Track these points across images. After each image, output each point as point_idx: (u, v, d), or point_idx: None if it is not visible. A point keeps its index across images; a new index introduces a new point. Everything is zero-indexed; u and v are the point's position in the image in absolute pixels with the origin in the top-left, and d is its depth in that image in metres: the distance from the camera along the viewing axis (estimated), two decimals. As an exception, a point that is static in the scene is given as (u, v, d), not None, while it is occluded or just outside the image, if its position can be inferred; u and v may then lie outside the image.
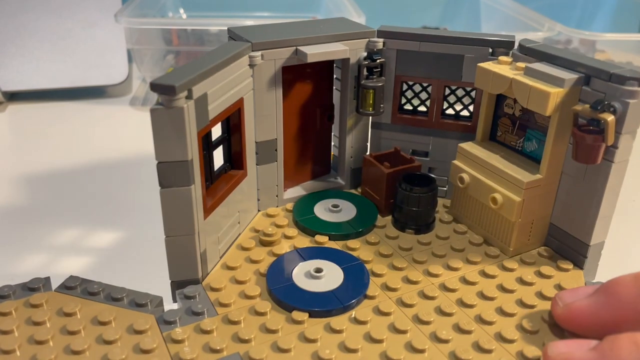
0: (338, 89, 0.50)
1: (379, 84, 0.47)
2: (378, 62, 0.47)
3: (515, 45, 0.45)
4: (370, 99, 0.48)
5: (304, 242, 0.44)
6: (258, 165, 0.47)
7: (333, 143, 0.52)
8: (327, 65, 0.49)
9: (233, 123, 0.43)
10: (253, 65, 0.43)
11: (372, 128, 0.52)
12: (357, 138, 0.51)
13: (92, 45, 0.83)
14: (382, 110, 0.49)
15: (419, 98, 0.52)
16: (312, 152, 0.51)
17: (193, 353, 0.33)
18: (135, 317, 0.36)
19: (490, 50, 0.46)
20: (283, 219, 0.47)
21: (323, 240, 0.44)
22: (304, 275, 0.39)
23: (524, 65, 0.41)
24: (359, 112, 0.49)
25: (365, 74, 0.47)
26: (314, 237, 0.44)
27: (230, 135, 0.44)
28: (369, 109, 0.48)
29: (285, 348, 0.33)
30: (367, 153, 0.51)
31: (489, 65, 0.43)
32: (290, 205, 0.49)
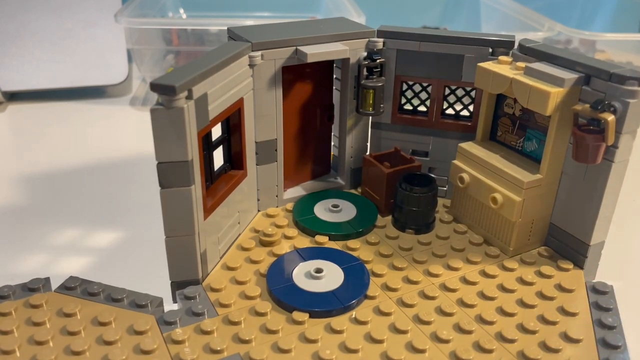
0: (338, 89, 0.50)
1: (379, 84, 0.47)
2: (378, 62, 0.47)
3: (515, 45, 0.45)
4: (370, 99, 0.48)
5: (304, 242, 0.44)
6: (258, 166, 0.47)
7: (333, 143, 0.52)
8: (327, 65, 0.49)
9: (233, 123, 0.43)
10: (253, 65, 0.43)
11: (372, 128, 0.52)
12: (357, 138, 0.51)
13: (92, 45, 0.83)
14: (382, 110, 0.49)
15: (419, 98, 0.52)
16: (312, 152, 0.51)
17: (193, 354, 0.33)
18: (136, 317, 0.36)
19: (490, 50, 0.46)
20: (283, 219, 0.47)
21: (323, 241, 0.44)
22: (304, 276, 0.39)
23: (524, 65, 0.41)
24: (359, 112, 0.49)
25: (365, 74, 0.47)
26: (314, 237, 0.44)
27: (230, 136, 0.44)
28: (369, 109, 0.48)
29: (286, 348, 0.33)
30: (367, 153, 0.51)
31: (489, 65, 0.43)
32: (290, 206, 0.49)
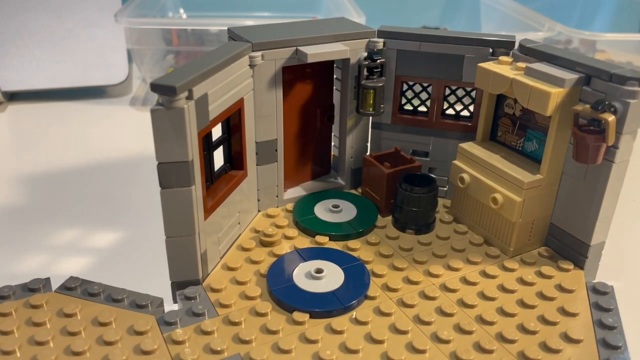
0: (338, 89, 0.50)
1: (379, 84, 0.47)
2: (378, 62, 0.47)
3: (516, 45, 0.45)
4: (371, 99, 0.48)
5: (305, 242, 0.44)
6: (258, 166, 0.47)
7: (333, 143, 0.52)
8: (327, 66, 0.49)
9: (233, 123, 0.43)
10: (253, 66, 0.43)
11: (372, 128, 0.52)
12: (357, 138, 0.51)
13: (92, 45, 0.83)
14: (382, 111, 0.49)
15: (419, 98, 0.51)
16: (312, 152, 0.51)
17: (194, 354, 0.33)
18: (136, 318, 0.36)
19: (491, 50, 0.46)
20: (283, 220, 0.47)
21: (323, 241, 0.44)
22: (305, 276, 0.39)
23: (525, 66, 0.41)
24: (359, 112, 0.49)
25: (366, 74, 0.47)
26: (315, 237, 0.44)
27: (231, 136, 0.44)
28: (369, 109, 0.48)
29: (286, 349, 0.33)
30: (367, 153, 0.51)
31: (490, 66, 0.43)
32: (291, 206, 0.49)
